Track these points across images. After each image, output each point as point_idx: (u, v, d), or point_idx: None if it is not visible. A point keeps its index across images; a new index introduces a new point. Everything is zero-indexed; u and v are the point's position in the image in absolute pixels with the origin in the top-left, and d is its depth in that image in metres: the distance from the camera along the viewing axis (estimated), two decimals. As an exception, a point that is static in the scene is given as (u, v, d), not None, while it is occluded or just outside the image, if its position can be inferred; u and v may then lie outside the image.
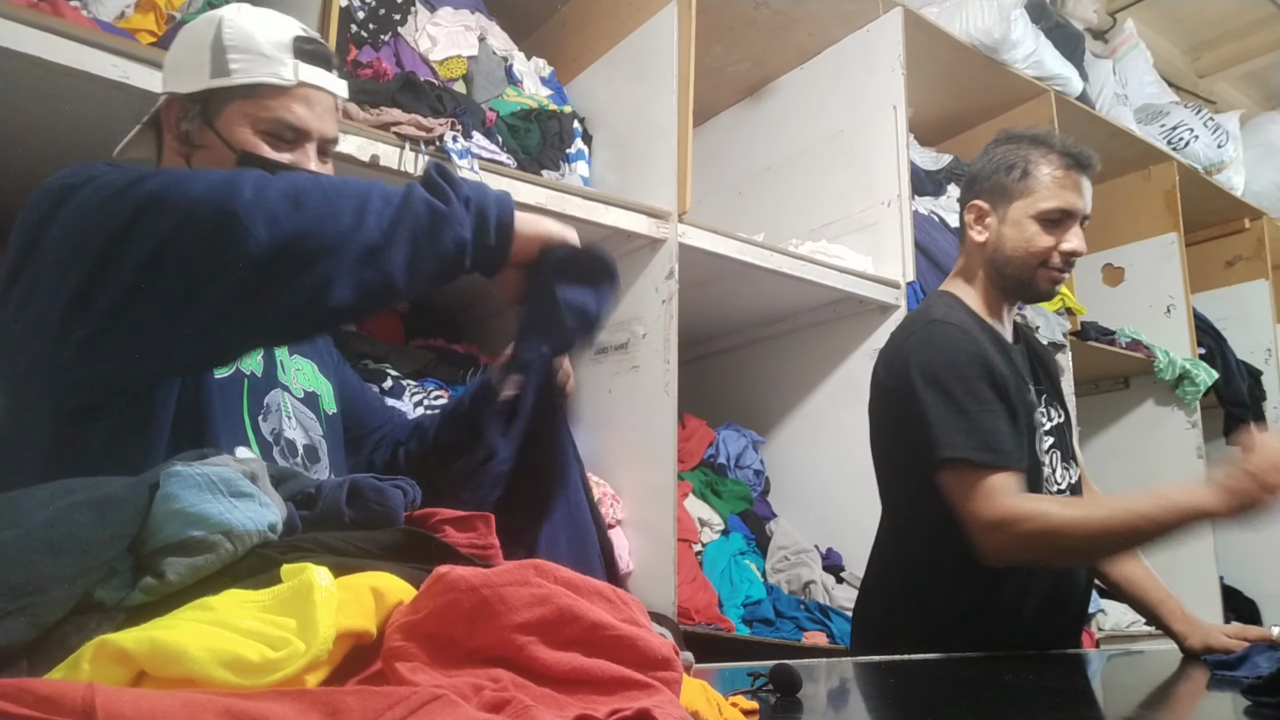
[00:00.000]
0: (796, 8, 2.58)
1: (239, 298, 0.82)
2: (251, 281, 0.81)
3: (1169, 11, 3.93)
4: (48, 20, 1.34)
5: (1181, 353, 3.29)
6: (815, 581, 2.28)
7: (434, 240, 0.86)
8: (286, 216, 0.81)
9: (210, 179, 0.84)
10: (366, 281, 0.84)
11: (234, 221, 0.79)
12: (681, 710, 0.49)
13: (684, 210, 2.00)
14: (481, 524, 0.67)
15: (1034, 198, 1.52)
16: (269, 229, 0.80)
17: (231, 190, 0.81)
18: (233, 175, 0.84)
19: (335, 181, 0.87)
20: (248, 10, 1.08)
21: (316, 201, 0.83)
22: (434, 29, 2.14)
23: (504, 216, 0.92)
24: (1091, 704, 1.09)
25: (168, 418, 0.94)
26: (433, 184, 0.89)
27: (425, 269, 0.87)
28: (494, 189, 0.94)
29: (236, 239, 0.79)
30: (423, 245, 0.86)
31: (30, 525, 0.52)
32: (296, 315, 0.87)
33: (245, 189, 0.81)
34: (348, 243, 0.82)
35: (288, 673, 0.45)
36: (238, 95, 1.05)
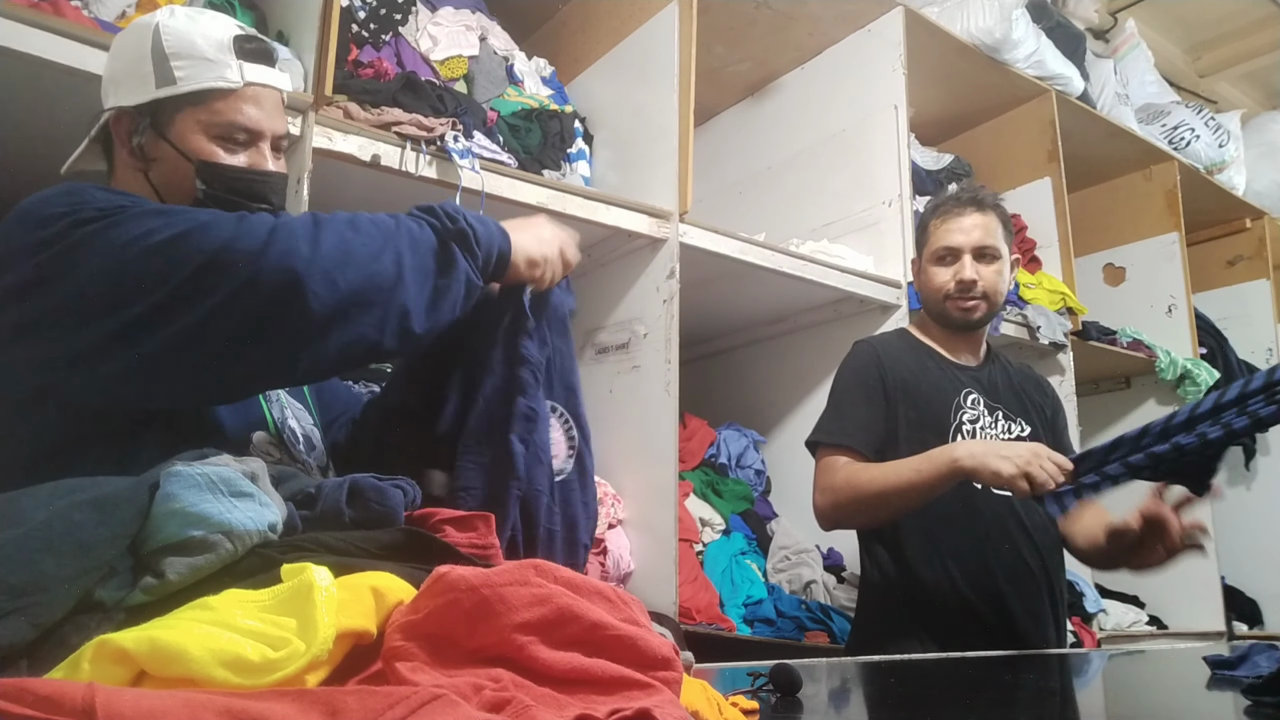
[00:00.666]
0: (797, 7, 2.58)
1: (293, 349, 0.89)
2: (307, 335, 0.88)
3: (1170, 11, 3.93)
4: (49, 20, 1.34)
5: (1183, 352, 3.28)
6: (816, 581, 2.28)
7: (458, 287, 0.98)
8: (341, 273, 0.88)
9: (261, 231, 0.88)
10: (407, 329, 0.93)
11: (297, 283, 0.86)
12: (681, 710, 0.49)
13: (685, 210, 2.00)
14: (481, 524, 0.67)
15: (928, 246, 1.81)
16: (328, 288, 0.87)
17: (291, 248, 0.87)
18: (283, 228, 0.89)
19: (369, 228, 0.94)
20: (182, 14, 1.07)
21: (362, 255, 0.91)
22: (435, 29, 2.14)
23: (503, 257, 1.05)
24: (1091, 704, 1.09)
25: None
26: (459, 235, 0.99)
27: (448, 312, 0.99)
28: (494, 227, 1.06)
29: (298, 299, 0.86)
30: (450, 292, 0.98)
31: (30, 525, 0.52)
32: (342, 363, 0.96)
33: (302, 245, 0.88)
34: (394, 296, 0.92)
35: (288, 672, 0.45)
36: (186, 103, 1.04)
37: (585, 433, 1.18)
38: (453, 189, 1.68)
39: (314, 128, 1.55)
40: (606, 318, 2.11)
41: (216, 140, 1.05)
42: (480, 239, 1.02)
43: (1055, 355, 2.86)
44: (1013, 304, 2.77)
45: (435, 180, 1.69)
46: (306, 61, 1.61)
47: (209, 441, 0.82)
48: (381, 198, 1.80)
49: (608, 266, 2.12)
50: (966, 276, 1.74)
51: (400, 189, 1.71)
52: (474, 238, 1.01)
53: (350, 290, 0.89)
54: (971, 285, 1.74)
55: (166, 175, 1.05)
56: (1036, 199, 3.06)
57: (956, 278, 1.74)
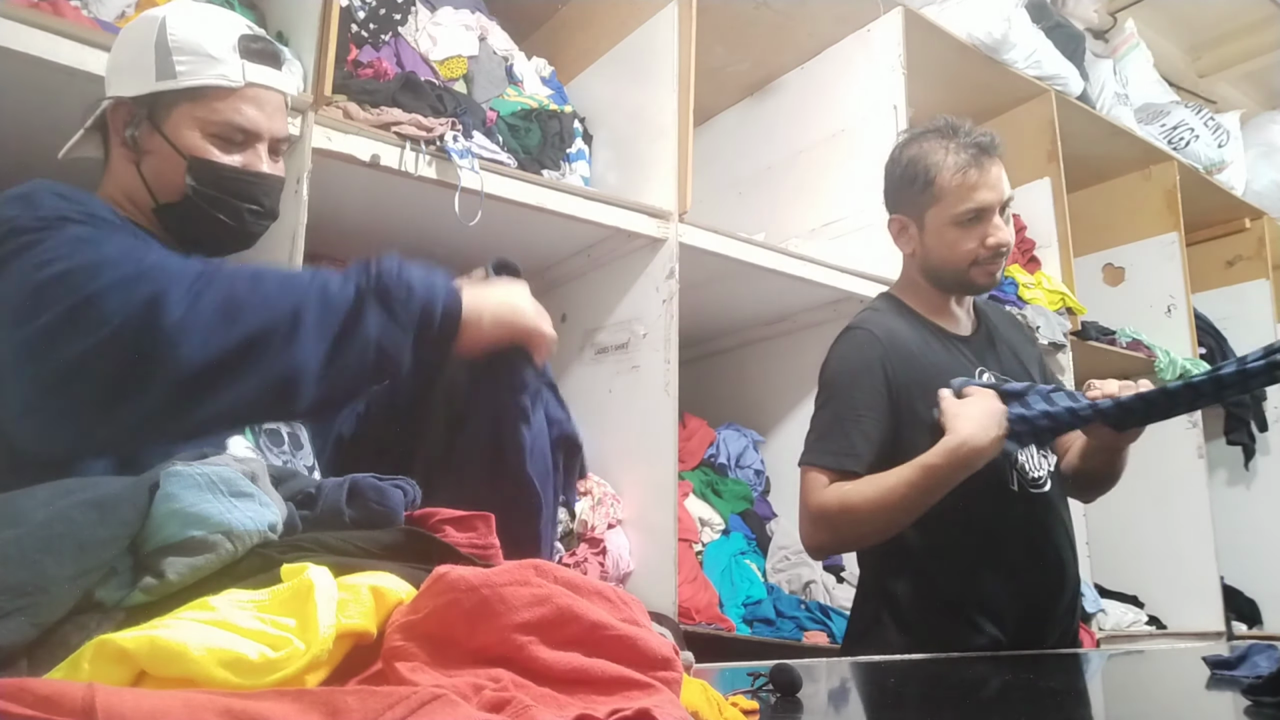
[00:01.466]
0: (797, 8, 2.58)
1: (170, 408, 0.83)
2: (181, 395, 0.82)
3: (1169, 11, 3.93)
4: (48, 20, 1.34)
5: (1182, 352, 3.29)
6: (816, 581, 2.28)
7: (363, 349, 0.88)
8: (217, 333, 0.81)
9: (145, 286, 0.82)
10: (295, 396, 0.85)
11: (162, 341, 0.80)
12: (681, 710, 0.49)
13: (684, 210, 2.00)
14: (481, 524, 0.67)
15: (944, 204, 1.51)
16: (199, 350, 0.81)
17: (162, 304, 0.81)
18: (164, 279, 0.83)
19: (271, 285, 0.86)
20: (191, 9, 1.06)
21: (251, 313, 0.83)
22: (434, 29, 2.14)
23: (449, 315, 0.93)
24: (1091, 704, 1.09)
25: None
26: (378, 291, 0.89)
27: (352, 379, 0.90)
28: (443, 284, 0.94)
29: (164, 358, 0.80)
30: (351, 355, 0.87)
31: (30, 525, 0.52)
32: (230, 425, 0.91)
33: (174, 302, 0.81)
34: (280, 358, 0.83)
35: (288, 673, 0.45)
36: (185, 98, 1.03)
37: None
38: (452, 189, 1.68)
39: (313, 128, 1.55)
40: (606, 318, 2.11)
41: (212, 138, 1.04)
42: (416, 294, 0.90)
43: (1055, 355, 2.86)
44: (1012, 304, 2.77)
45: (435, 180, 1.69)
46: (306, 61, 1.61)
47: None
48: (381, 198, 1.81)
49: (607, 266, 2.12)
50: (1005, 238, 1.51)
51: (400, 189, 1.72)
52: (400, 294, 0.89)
53: (225, 351, 0.82)
54: (1004, 247, 1.51)
55: (158, 168, 1.05)
56: (1036, 199, 3.06)
57: (989, 240, 1.49)
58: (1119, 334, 3.14)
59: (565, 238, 2.03)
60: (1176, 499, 3.20)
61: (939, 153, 1.53)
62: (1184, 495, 3.20)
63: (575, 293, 2.18)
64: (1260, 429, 3.66)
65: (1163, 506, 3.21)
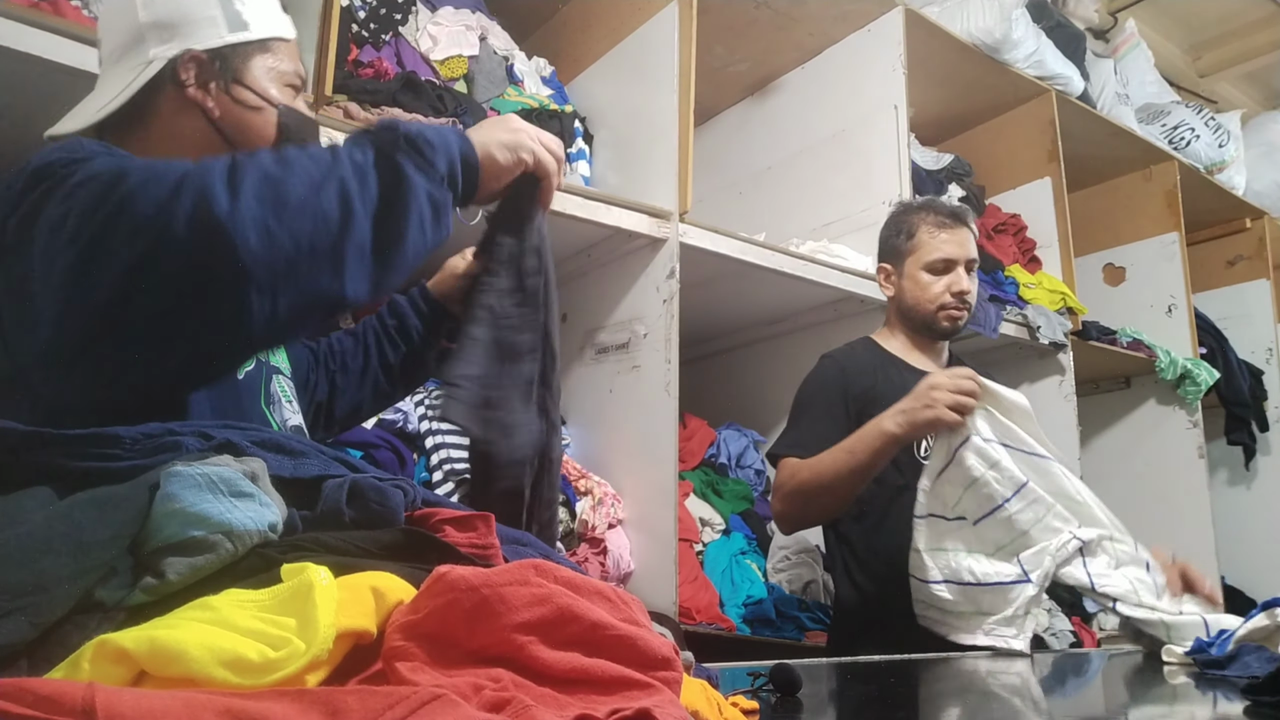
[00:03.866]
0: (797, 7, 2.58)
1: (242, 309, 0.76)
2: (252, 291, 0.75)
3: (1170, 11, 3.93)
4: (49, 20, 1.34)
5: (1183, 352, 3.28)
6: (816, 581, 2.28)
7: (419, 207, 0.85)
8: (275, 218, 0.75)
9: (175, 174, 0.76)
10: (370, 271, 0.81)
11: (220, 231, 0.73)
12: (681, 710, 0.49)
13: (685, 210, 2.00)
14: (481, 524, 0.67)
15: (920, 253, 1.84)
16: (261, 237, 0.74)
17: (206, 193, 0.74)
18: (195, 174, 0.76)
19: (301, 160, 0.81)
20: None
21: (297, 191, 0.77)
22: (435, 28, 2.14)
23: (468, 159, 0.93)
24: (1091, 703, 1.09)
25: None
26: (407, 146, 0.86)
27: (417, 241, 0.85)
28: (448, 130, 0.93)
29: (226, 250, 0.73)
30: (410, 217, 0.84)
31: (30, 525, 0.52)
32: (301, 324, 0.85)
33: (219, 191, 0.74)
34: (346, 235, 0.79)
35: (288, 672, 0.45)
36: (258, 49, 1.03)
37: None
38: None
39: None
40: (606, 318, 2.11)
41: (284, 88, 1.05)
42: (435, 145, 0.88)
43: (1055, 355, 2.86)
44: (1012, 304, 2.77)
45: (435, 180, 1.68)
46: (306, 61, 1.61)
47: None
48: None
49: (608, 266, 2.12)
50: (966, 287, 1.80)
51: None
52: (425, 145, 0.87)
53: (290, 236, 0.75)
54: (966, 296, 1.81)
55: (242, 120, 1.02)
56: (1036, 199, 3.06)
57: (953, 289, 1.80)
58: (1119, 334, 3.14)
59: (566, 237, 2.02)
60: (1177, 499, 3.20)
61: (920, 214, 1.89)
62: (1184, 495, 3.20)
63: (576, 292, 2.18)
64: (1261, 429, 3.66)
65: (1163, 506, 3.21)
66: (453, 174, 0.90)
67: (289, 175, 0.78)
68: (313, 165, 0.81)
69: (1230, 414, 3.59)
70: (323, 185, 0.79)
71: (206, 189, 0.74)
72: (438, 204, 0.87)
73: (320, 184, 0.79)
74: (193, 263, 0.74)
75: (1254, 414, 3.63)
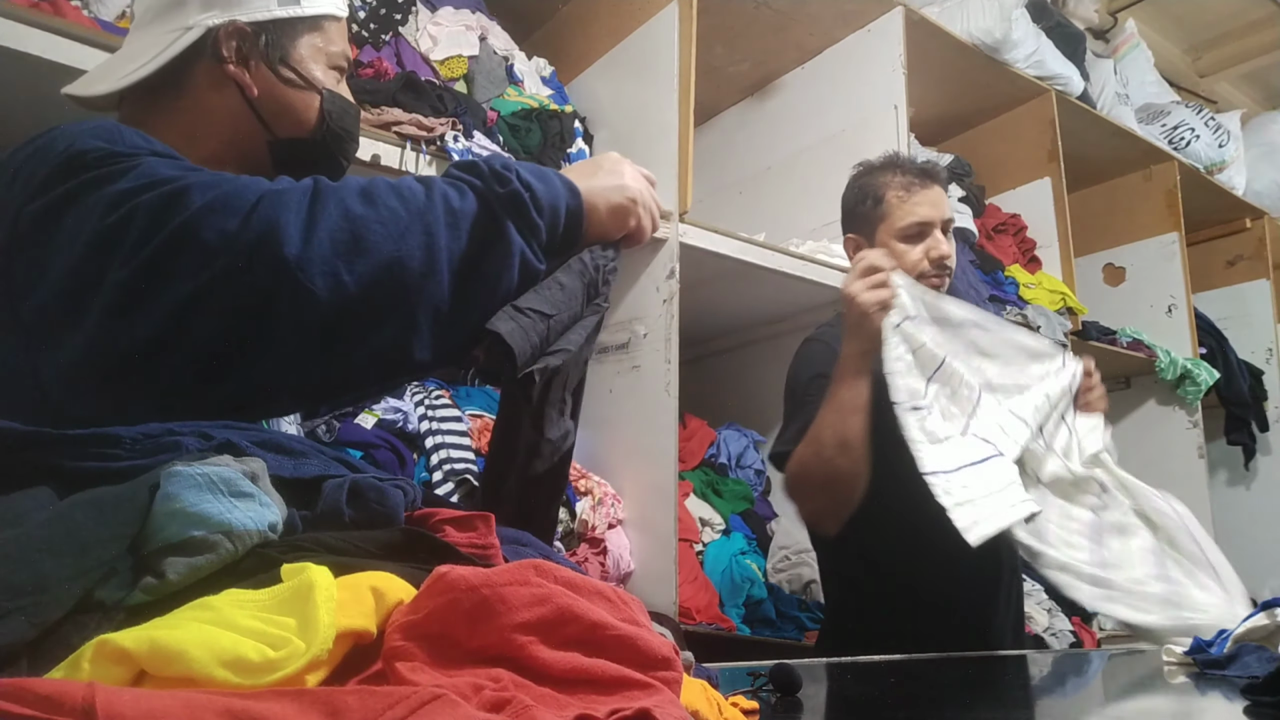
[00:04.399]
0: (798, 7, 2.57)
1: (296, 357, 0.71)
2: (311, 340, 0.70)
3: (1170, 11, 3.93)
4: (49, 20, 1.34)
5: (1183, 352, 3.28)
6: (816, 581, 2.28)
7: (509, 274, 0.77)
8: (347, 262, 0.69)
9: (247, 200, 0.70)
10: (444, 335, 0.75)
11: (285, 274, 0.67)
12: (681, 710, 0.49)
13: (685, 210, 2.00)
14: (481, 524, 0.67)
15: (892, 219, 1.67)
16: (327, 280, 0.68)
17: (277, 229, 0.68)
18: (271, 205, 0.70)
19: (389, 200, 0.74)
20: None
21: (377, 235, 0.70)
22: (435, 29, 2.14)
23: (573, 216, 0.84)
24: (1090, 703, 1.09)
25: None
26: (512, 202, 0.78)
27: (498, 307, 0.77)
28: (557, 180, 0.84)
29: (289, 294, 0.68)
30: (501, 282, 0.77)
31: (30, 525, 0.52)
32: (367, 375, 0.77)
33: (291, 228, 0.68)
34: (423, 293, 0.72)
35: (288, 672, 0.45)
36: (306, 27, 0.96)
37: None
38: (453, 189, 1.68)
39: (314, 128, 1.55)
40: (606, 318, 2.11)
41: (331, 70, 0.99)
42: (542, 202, 0.80)
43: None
44: (1012, 304, 2.77)
45: (435, 180, 1.68)
46: (306, 61, 1.61)
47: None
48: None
49: (608, 266, 2.12)
50: (945, 251, 1.65)
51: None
52: (532, 202, 0.79)
53: (360, 285, 0.69)
54: (946, 259, 1.66)
55: (283, 101, 0.95)
56: (1036, 199, 3.06)
57: (932, 254, 1.65)
58: (1120, 334, 3.14)
59: (565, 238, 2.02)
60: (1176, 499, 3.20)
61: (886, 174, 1.72)
62: (1184, 495, 3.17)
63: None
64: (1261, 429, 3.66)
65: (1163, 506, 3.21)
66: (553, 234, 0.83)
67: (372, 215, 0.72)
68: (401, 207, 0.73)
69: (1230, 414, 3.59)
70: (407, 232, 0.72)
71: (278, 225, 0.69)
72: (529, 273, 0.80)
73: (405, 231, 0.72)
74: (254, 303, 0.69)
75: (1254, 414, 3.63)
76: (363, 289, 0.70)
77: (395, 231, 0.72)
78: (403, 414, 1.79)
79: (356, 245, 0.70)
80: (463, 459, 1.78)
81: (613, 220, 0.89)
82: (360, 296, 0.70)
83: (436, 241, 0.73)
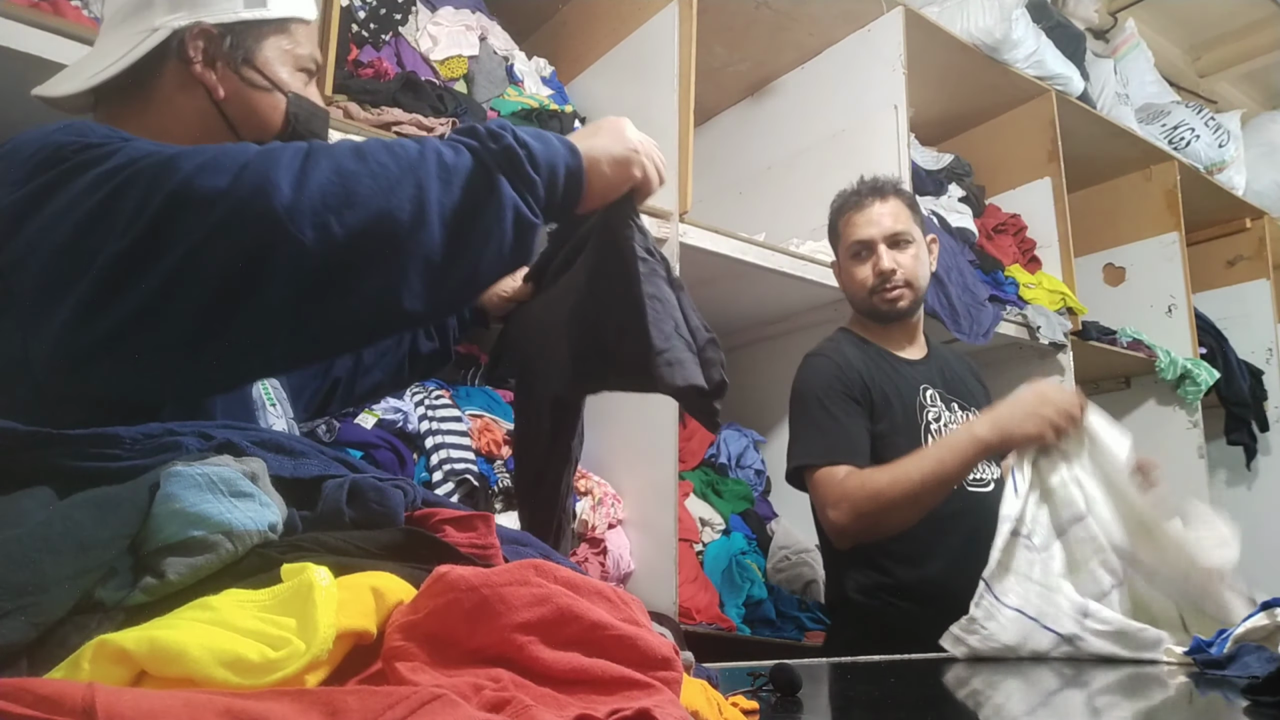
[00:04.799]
0: (797, 7, 2.58)
1: (287, 310, 0.72)
2: (301, 292, 0.72)
3: (1170, 11, 3.93)
4: (48, 20, 1.34)
5: (1183, 352, 3.28)
6: (816, 581, 2.28)
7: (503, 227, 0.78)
8: (337, 215, 0.70)
9: (239, 161, 0.72)
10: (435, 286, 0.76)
11: (276, 225, 0.69)
12: (681, 710, 0.49)
13: (685, 210, 2.00)
14: (481, 524, 0.67)
15: (841, 243, 1.82)
16: (319, 234, 0.70)
17: (267, 184, 0.70)
18: (263, 160, 0.72)
19: (380, 156, 0.75)
20: None
21: (367, 189, 0.72)
22: (435, 29, 2.14)
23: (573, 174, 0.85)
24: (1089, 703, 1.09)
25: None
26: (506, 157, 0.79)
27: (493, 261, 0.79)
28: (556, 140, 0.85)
29: (280, 245, 0.69)
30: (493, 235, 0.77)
31: (30, 525, 0.52)
32: (357, 329, 0.78)
33: (283, 182, 0.70)
34: (412, 243, 0.73)
35: (288, 672, 0.45)
36: (273, 30, 0.97)
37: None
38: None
39: (314, 128, 1.55)
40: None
41: (298, 72, 0.99)
42: (538, 159, 0.81)
43: (1055, 355, 2.86)
44: (1012, 304, 2.77)
45: (435, 180, 1.68)
46: (306, 61, 1.61)
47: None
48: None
49: (608, 266, 2.12)
50: (885, 266, 1.73)
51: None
52: (527, 159, 0.80)
53: (350, 236, 0.70)
54: (891, 274, 1.73)
55: (248, 103, 0.96)
56: (1036, 199, 3.06)
57: (876, 269, 1.74)
58: (1119, 334, 3.14)
59: (565, 238, 2.02)
60: (1177, 499, 3.20)
61: (839, 201, 1.85)
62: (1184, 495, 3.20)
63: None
64: (1261, 429, 3.66)
65: (1163, 506, 3.21)
66: (553, 191, 0.83)
67: (363, 170, 0.73)
68: (392, 161, 0.75)
69: (1230, 414, 3.59)
70: (397, 185, 0.73)
71: (269, 180, 0.70)
72: (525, 226, 0.80)
73: (395, 183, 0.73)
74: (247, 256, 0.70)
75: (1254, 414, 3.63)
76: (352, 239, 0.71)
77: (385, 185, 0.73)
78: (403, 414, 1.79)
79: (347, 198, 0.71)
80: (463, 459, 1.78)
81: (617, 173, 0.89)
82: (350, 246, 0.71)
83: (427, 195, 0.74)
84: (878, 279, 1.74)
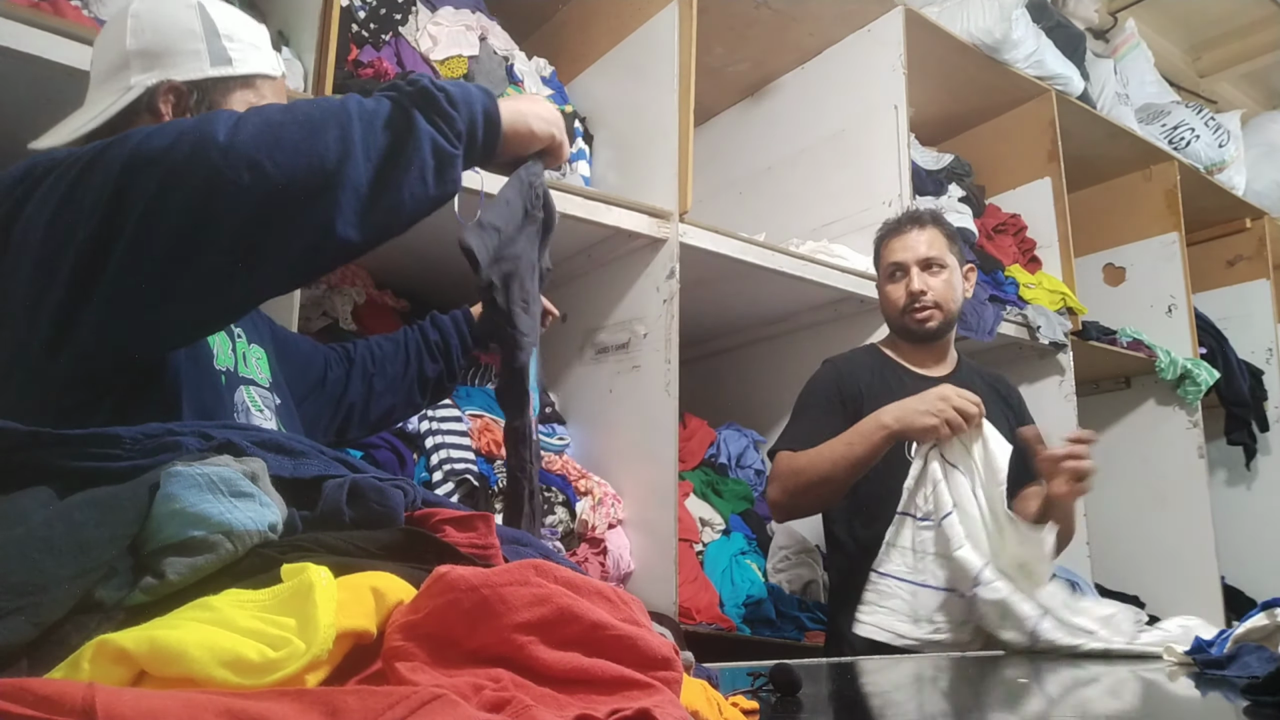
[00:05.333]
0: (797, 7, 2.57)
1: (238, 244, 0.80)
2: (247, 230, 0.80)
3: (1170, 11, 3.93)
4: (48, 20, 1.34)
5: (1183, 352, 3.28)
6: (816, 581, 2.28)
7: (422, 156, 0.86)
8: (268, 157, 0.79)
9: (179, 127, 0.81)
10: (367, 211, 0.83)
11: (215, 172, 0.78)
12: (681, 710, 0.49)
13: (685, 210, 2.00)
14: (481, 524, 0.67)
15: (880, 266, 1.96)
16: (255, 175, 0.78)
17: (205, 137, 0.79)
18: (201, 121, 0.81)
19: (305, 107, 0.84)
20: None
21: (294, 134, 0.81)
22: (435, 28, 2.13)
23: (490, 118, 0.94)
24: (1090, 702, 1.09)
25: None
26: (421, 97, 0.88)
27: (417, 188, 0.87)
28: (475, 89, 0.95)
29: (223, 187, 0.78)
30: (414, 164, 0.86)
31: (30, 525, 0.52)
32: (302, 259, 0.86)
33: (218, 133, 0.79)
34: (341, 174, 0.81)
35: (288, 672, 0.45)
36: (239, 85, 1.05)
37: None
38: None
39: (314, 128, 1.55)
40: (606, 318, 2.11)
41: None
42: (456, 99, 0.90)
43: (1055, 355, 2.86)
44: (1012, 304, 2.77)
45: (435, 180, 1.68)
46: (306, 61, 1.61)
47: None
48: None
49: (607, 266, 2.12)
50: (915, 288, 1.86)
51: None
52: (445, 98, 0.89)
53: (283, 174, 0.79)
54: (920, 295, 1.86)
55: None
56: (1036, 199, 3.06)
57: (907, 290, 1.87)
58: (1120, 334, 3.14)
59: (566, 237, 2.02)
60: (1177, 499, 3.20)
61: (883, 229, 1.98)
62: (1184, 495, 3.20)
63: (576, 292, 2.18)
64: (1261, 429, 3.66)
65: (1163, 506, 3.21)
66: (472, 130, 0.92)
67: (290, 119, 0.82)
68: (316, 110, 0.83)
69: (1230, 414, 3.59)
70: (322, 127, 0.82)
71: (206, 134, 0.79)
72: (443, 156, 0.88)
73: (320, 126, 0.82)
74: (196, 200, 0.78)
75: (1254, 414, 3.63)
76: (285, 175, 0.79)
77: (311, 129, 0.82)
78: (403, 414, 1.79)
79: (277, 142, 0.80)
80: (463, 459, 1.78)
81: (537, 126, 1.01)
82: (284, 183, 0.79)
83: (350, 134, 0.82)
84: (909, 299, 1.87)
